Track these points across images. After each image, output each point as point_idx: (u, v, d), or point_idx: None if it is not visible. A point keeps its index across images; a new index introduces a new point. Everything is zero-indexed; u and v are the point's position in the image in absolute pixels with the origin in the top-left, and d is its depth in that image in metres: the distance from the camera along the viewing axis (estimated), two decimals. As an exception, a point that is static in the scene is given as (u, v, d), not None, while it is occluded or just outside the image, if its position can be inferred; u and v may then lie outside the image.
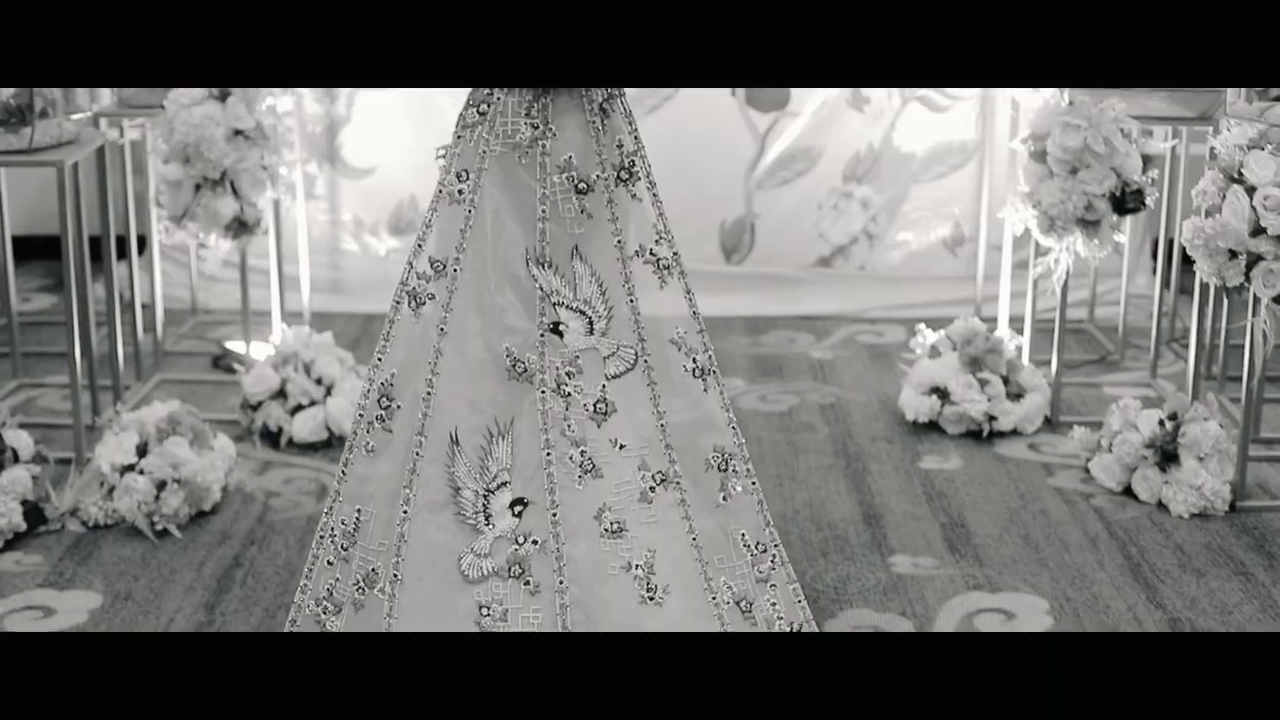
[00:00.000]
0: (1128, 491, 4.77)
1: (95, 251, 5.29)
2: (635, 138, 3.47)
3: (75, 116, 4.84)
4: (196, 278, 6.27)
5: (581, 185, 3.40)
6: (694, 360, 3.48)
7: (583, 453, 3.41)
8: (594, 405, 3.43)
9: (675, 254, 3.50)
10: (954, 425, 5.21)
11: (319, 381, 5.15)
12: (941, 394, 5.24)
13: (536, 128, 3.40)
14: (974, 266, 6.47)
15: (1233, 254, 4.38)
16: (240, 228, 5.09)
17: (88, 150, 4.87)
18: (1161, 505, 4.67)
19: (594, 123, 3.41)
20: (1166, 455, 4.67)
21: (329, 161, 6.63)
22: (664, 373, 3.47)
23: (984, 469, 4.99)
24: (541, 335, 3.40)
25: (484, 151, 3.43)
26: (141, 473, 4.50)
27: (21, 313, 6.29)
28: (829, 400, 5.59)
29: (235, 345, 5.74)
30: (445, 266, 3.43)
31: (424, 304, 3.43)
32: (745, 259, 6.71)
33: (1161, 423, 4.73)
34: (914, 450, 5.13)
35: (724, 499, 3.50)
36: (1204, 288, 5.03)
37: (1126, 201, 4.89)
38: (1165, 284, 5.82)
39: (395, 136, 6.59)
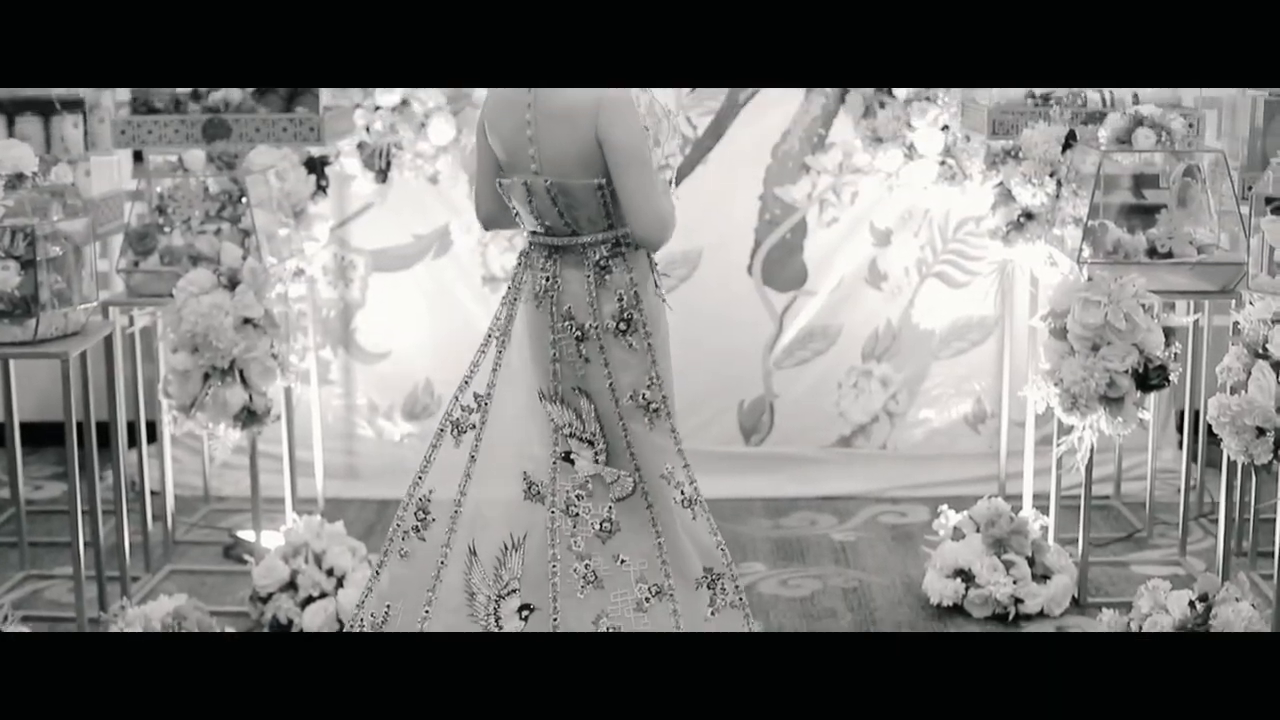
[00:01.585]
0: (1160, 676, 4.63)
1: (106, 438, 5.23)
2: (636, 294, 3.89)
3: (83, 306, 4.80)
4: (209, 464, 6.21)
5: (578, 333, 3.88)
6: (682, 492, 3.94)
7: (587, 565, 3.85)
8: (600, 525, 3.91)
9: (664, 397, 3.93)
10: (979, 609, 5.09)
11: (330, 573, 5.05)
12: (966, 577, 5.12)
13: (549, 279, 3.88)
14: (997, 443, 6.38)
15: (1260, 431, 4.30)
16: (250, 417, 5.02)
17: (94, 340, 4.83)
18: (1196, 690, 4.54)
19: (589, 278, 3.86)
20: (1199, 638, 4.55)
21: (343, 346, 6.60)
22: (657, 499, 3.90)
23: (1012, 654, 4.85)
24: (554, 463, 3.92)
25: (515, 299, 3.96)
26: (146, 669, 4.40)
27: (32, 501, 6.22)
28: (851, 584, 5.47)
29: (246, 535, 5.66)
30: (484, 400, 3.96)
31: (465, 433, 3.95)
32: (765, 439, 6.63)
33: (1192, 604, 4.59)
34: (939, 635, 5.01)
35: (712, 613, 3.91)
36: (1232, 461, 4.92)
37: (1150, 378, 4.81)
38: (1192, 458, 5.73)
39: (410, 320, 6.56)
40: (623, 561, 3.87)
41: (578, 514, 3.88)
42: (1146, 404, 4.95)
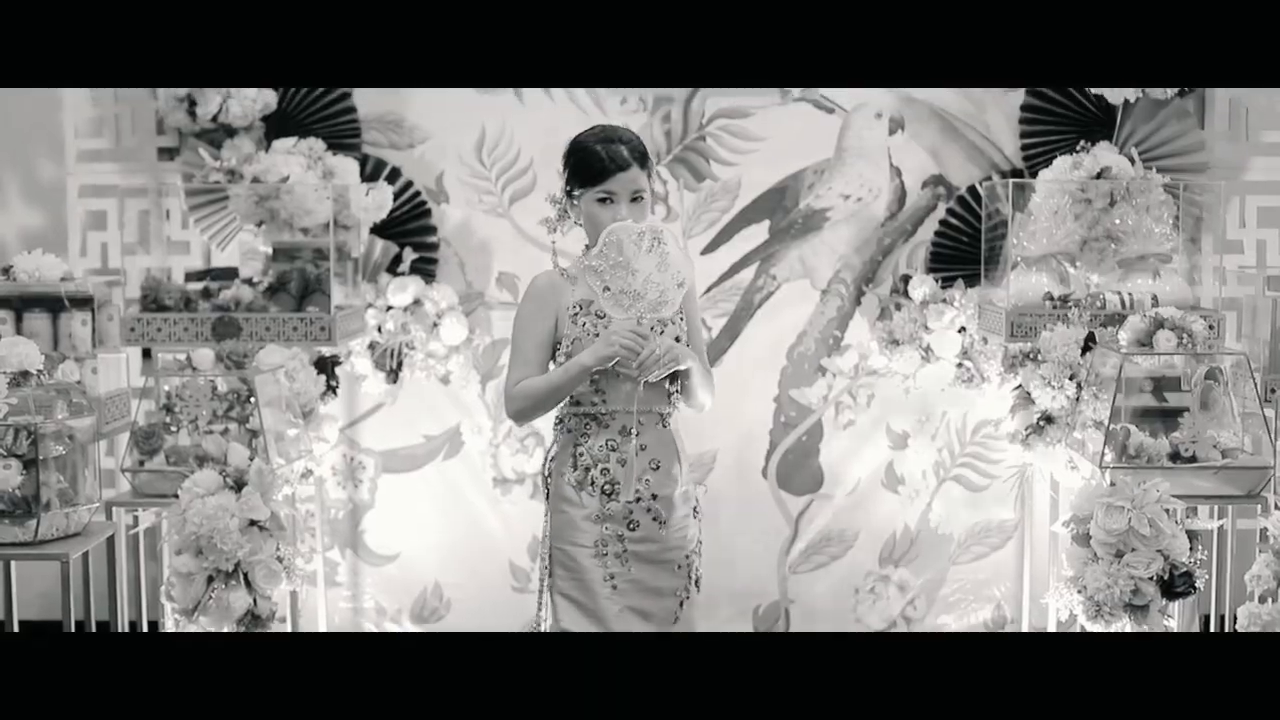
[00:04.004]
0: None
1: (107, 642, 5.12)
2: (546, 467, 4.33)
3: (86, 506, 4.72)
4: (212, 669, 6.08)
5: None
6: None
7: None
8: None
9: (551, 566, 4.29)
10: (1004, 824, 4.92)
11: (332, 781, 4.90)
12: (989, 790, 4.97)
13: None
14: (1018, 651, 6.24)
15: (1292, 641, 4.18)
16: (253, 621, 4.91)
17: (96, 541, 4.76)
18: None
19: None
20: None
21: (351, 548, 6.50)
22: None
23: None
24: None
25: None
26: None
27: (30, 707, 6.07)
28: (870, 796, 5.30)
29: (248, 741, 5.51)
30: None
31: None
32: (780, 645, 6.50)
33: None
34: None
35: None
36: (1262, 674, 4.80)
37: (1175, 585, 4.70)
38: (1219, 668, 5.59)
39: (420, 522, 6.48)
40: None
41: None
42: (1172, 611, 4.84)
